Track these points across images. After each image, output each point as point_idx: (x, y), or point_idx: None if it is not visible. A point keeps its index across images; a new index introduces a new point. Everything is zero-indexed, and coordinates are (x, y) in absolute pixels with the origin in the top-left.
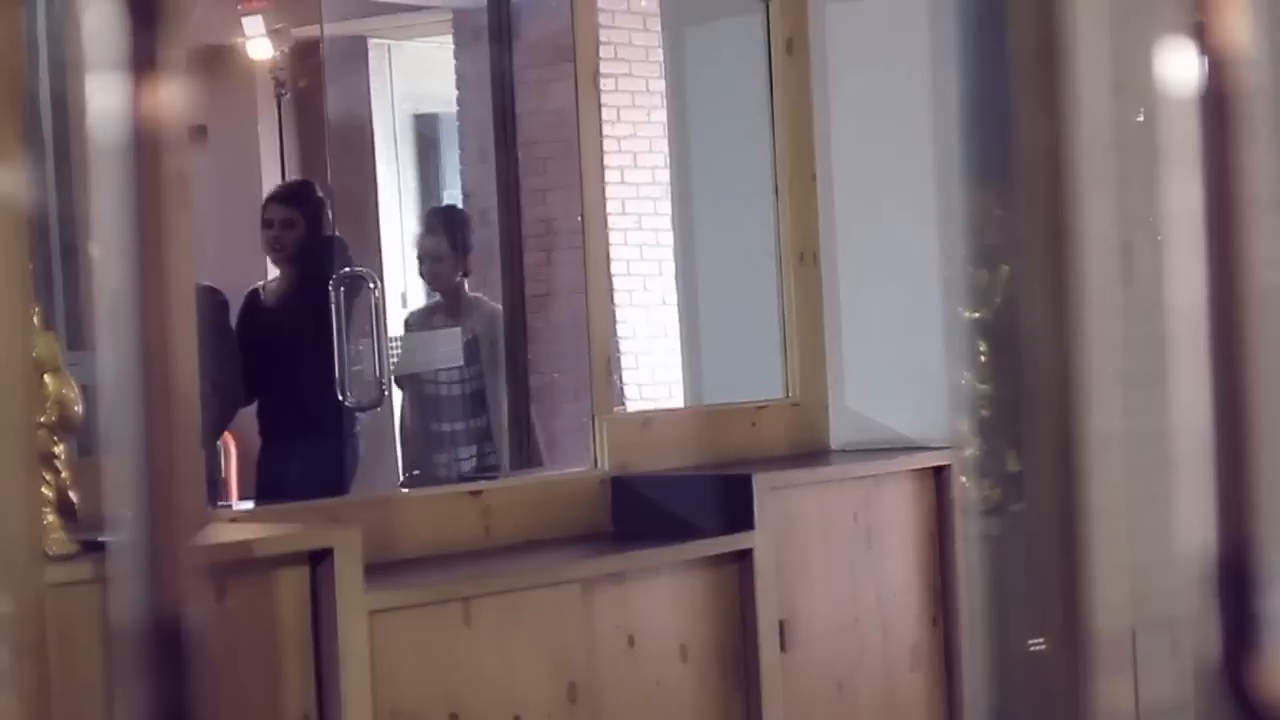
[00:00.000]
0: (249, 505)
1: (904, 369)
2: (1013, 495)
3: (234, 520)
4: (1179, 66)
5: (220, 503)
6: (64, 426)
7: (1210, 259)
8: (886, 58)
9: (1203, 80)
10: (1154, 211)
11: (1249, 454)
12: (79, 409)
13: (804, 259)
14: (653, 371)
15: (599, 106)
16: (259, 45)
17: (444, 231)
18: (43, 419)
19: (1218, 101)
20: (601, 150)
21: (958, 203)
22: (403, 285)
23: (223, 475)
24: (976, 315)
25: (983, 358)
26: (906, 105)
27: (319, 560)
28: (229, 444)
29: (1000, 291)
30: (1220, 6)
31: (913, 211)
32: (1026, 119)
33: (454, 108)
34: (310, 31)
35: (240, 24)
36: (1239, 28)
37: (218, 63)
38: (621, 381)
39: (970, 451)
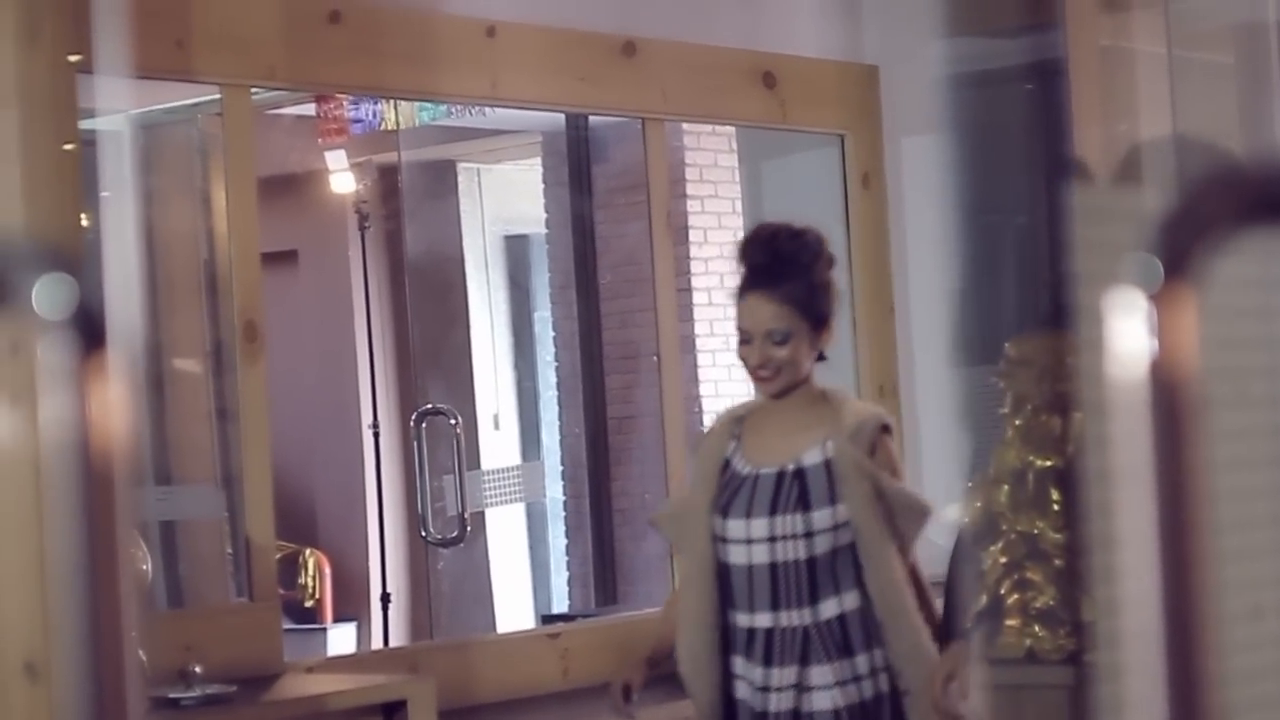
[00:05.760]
0: (344, 626)
1: None
2: (1087, 644)
3: (310, 671)
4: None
5: (315, 624)
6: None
7: (1163, 564)
8: None
9: (1154, 387)
10: None
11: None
12: (146, 567)
13: (883, 391)
14: None
15: (673, 245)
16: (341, 179)
17: None
18: None
19: (1169, 409)
20: (675, 289)
21: (1030, 347)
22: (495, 408)
23: (318, 597)
24: (1049, 463)
25: (1055, 506)
26: None
27: (394, 711)
28: (323, 564)
29: (1073, 439)
30: (1172, 315)
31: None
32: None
33: (544, 229)
34: (394, 158)
35: (323, 158)
36: (1190, 338)
37: (307, 188)
38: None
39: (1044, 600)
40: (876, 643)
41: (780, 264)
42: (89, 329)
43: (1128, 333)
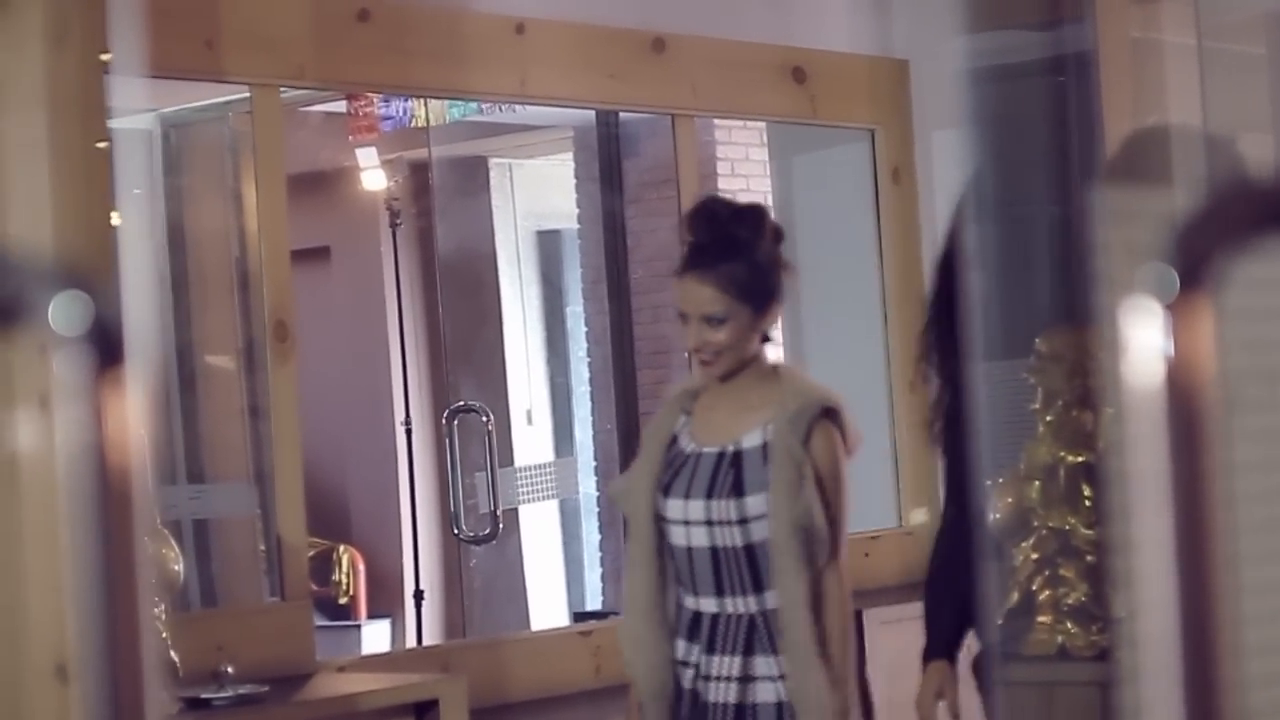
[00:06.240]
0: (378, 623)
1: None
2: (1118, 640)
3: (342, 670)
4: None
5: (349, 621)
6: (163, 586)
7: (1179, 574)
8: None
9: (1170, 396)
10: None
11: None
12: (178, 568)
13: (914, 386)
14: None
15: None
16: (372, 176)
17: None
18: None
19: (1186, 420)
20: None
21: (1061, 342)
22: (528, 404)
23: (352, 593)
24: (1080, 459)
25: (1087, 501)
26: None
27: (426, 710)
28: (357, 561)
29: (1104, 434)
30: (1188, 324)
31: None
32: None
33: (576, 225)
34: (425, 155)
35: (355, 154)
36: (1206, 347)
37: (339, 185)
38: None
39: (1076, 596)
40: None
41: (719, 244)
42: (105, 344)
43: (1143, 342)
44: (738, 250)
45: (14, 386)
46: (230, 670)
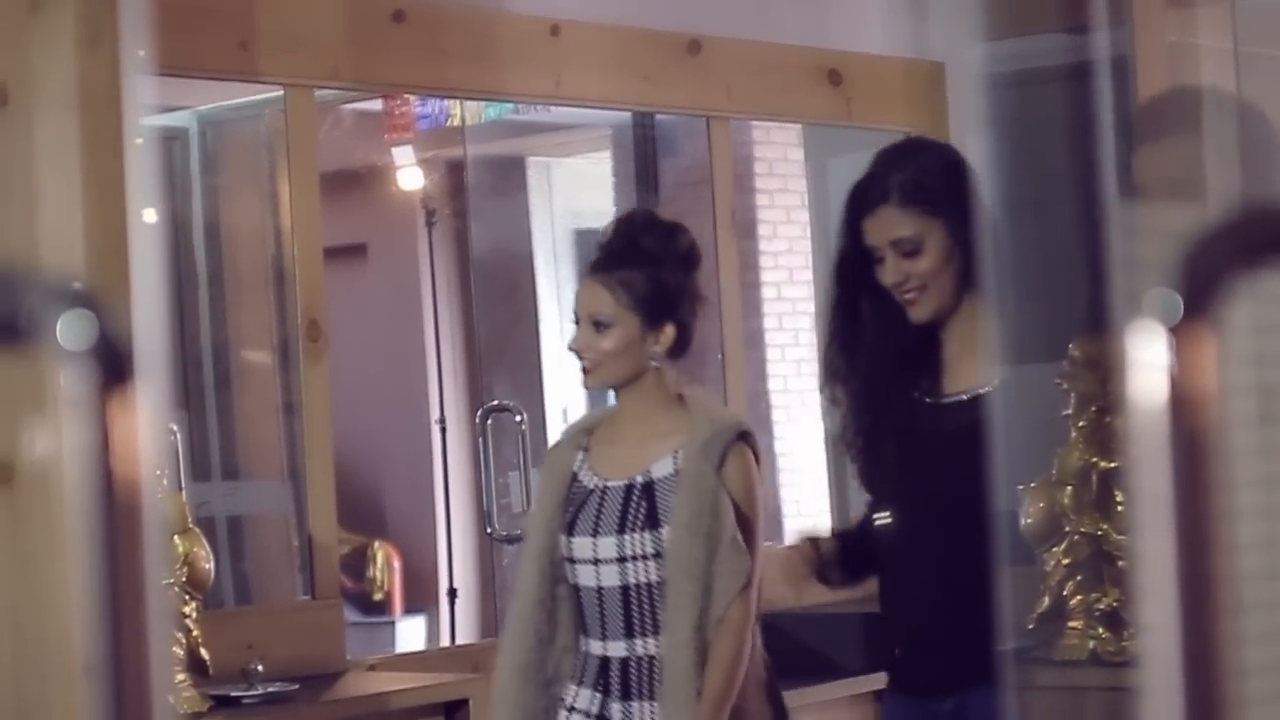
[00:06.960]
0: (413, 619)
1: None
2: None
3: (372, 669)
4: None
5: (384, 617)
6: (194, 585)
7: (1181, 592)
8: None
9: (1173, 420)
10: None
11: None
12: (209, 566)
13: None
14: (813, 485)
15: (741, 239)
16: (409, 175)
17: None
18: (171, 579)
19: (1189, 443)
20: (740, 286)
21: (1095, 348)
22: (564, 402)
23: (387, 589)
24: (1113, 464)
25: (1119, 507)
26: None
27: (455, 709)
28: (392, 557)
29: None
30: (1192, 349)
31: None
32: None
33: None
34: (460, 155)
35: (391, 153)
36: (1209, 371)
37: (377, 182)
38: (779, 499)
39: (1107, 601)
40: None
41: (625, 251)
42: (111, 359)
43: (1147, 365)
44: (639, 259)
45: (40, 398)
46: (260, 668)
